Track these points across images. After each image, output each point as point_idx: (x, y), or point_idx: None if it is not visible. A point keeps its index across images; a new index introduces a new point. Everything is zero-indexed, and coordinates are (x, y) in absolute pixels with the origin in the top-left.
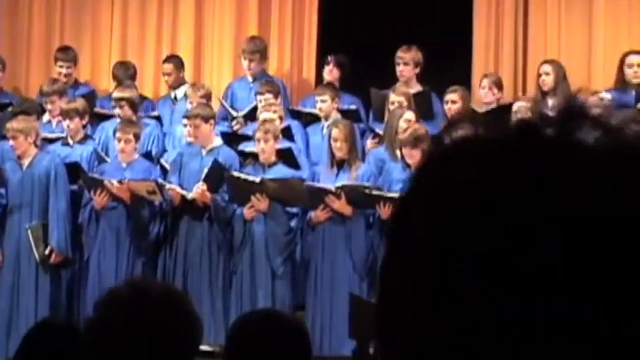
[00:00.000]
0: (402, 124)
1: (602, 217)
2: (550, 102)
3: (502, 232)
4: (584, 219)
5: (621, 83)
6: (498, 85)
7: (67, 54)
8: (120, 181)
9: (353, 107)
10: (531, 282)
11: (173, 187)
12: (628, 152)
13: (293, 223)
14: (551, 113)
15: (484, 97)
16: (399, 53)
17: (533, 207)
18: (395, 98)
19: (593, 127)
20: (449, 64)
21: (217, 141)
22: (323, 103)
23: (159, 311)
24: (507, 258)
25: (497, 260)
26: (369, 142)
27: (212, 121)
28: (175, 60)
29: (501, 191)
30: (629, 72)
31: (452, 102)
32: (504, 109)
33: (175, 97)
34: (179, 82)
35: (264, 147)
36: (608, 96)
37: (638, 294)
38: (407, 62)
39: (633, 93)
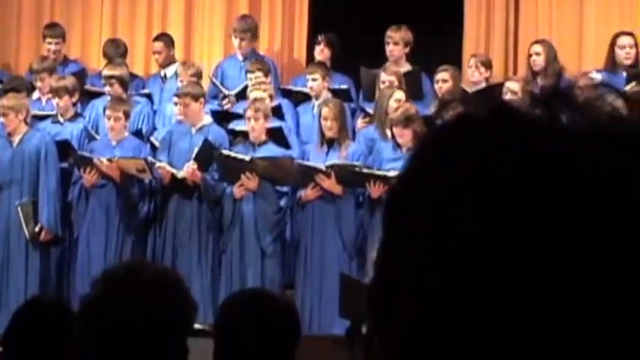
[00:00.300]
0: (393, 104)
1: (585, 200)
2: (540, 82)
3: (488, 213)
4: (567, 201)
5: (611, 64)
6: (486, 64)
7: (55, 30)
8: (109, 159)
9: (344, 87)
10: (518, 264)
11: (163, 165)
12: (613, 134)
13: (283, 202)
14: (542, 94)
15: (471, 77)
16: (389, 33)
17: (517, 188)
18: (385, 77)
19: (580, 109)
20: (440, 43)
21: (207, 119)
22: (314, 82)
23: (154, 292)
24: (494, 239)
25: (485, 241)
26: (360, 122)
27: (202, 100)
28: (165, 38)
29: (487, 172)
30: (619, 53)
31: (442, 81)
32: (494, 89)
33: (165, 76)
34: (169, 61)
35: (254, 126)
36: (598, 77)
37: (621, 276)
38: (396, 42)
39: (624, 74)
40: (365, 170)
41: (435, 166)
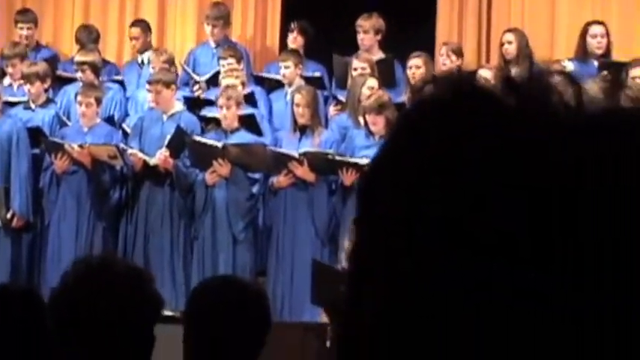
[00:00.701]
0: (365, 91)
1: (555, 187)
2: (513, 71)
3: (461, 196)
4: (539, 188)
5: (583, 53)
6: (457, 52)
7: (27, 15)
8: (81, 146)
9: (317, 74)
10: (491, 248)
11: (135, 152)
12: (585, 121)
13: (255, 189)
14: (514, 80)
15: (442, 65)
16: (359, 21)
17: (490, 173)
18: (358, 65)
19: (551, 96)
20: (412, 31)
21: (179, 106)
22: (286, 70)
23: (125, 286)
24: (466, 222)
25: (457, 224)
26: (332, 109)
27: (173, 87)
28: (142, 24)
29: (459, 155)
30: (591, 42)
31: (416, 67)
32: (467, 75)
33: (143, 62)
34: (146, 47)
35: (226, 113)
36: (570, 65)
37: (591, 263)
38: (367, 30)
39: (595, 63)
40: (337, 158)
41: (406, 148)
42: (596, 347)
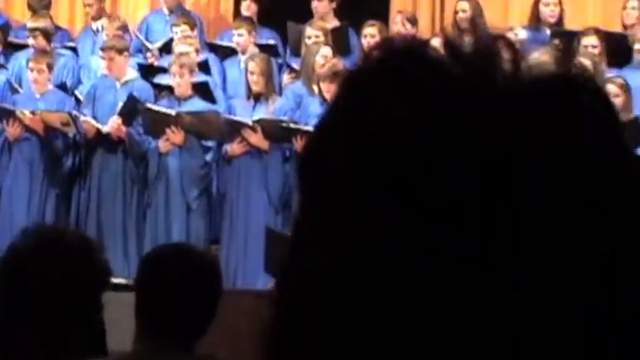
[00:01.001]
0: (319, 60)
1: (498, 156)
2: (466, 39)
3: (409, 160)
4: (483, 156)
5: (536, 21)
6: (412, 21)
7: None
8: (33, 112)
9: (271, 42)
10: (438, 213)
11: (87, 119)
12: (525, 91)
13: (208, 157)
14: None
15: (397, 33)
16: None
17: (438, 139)
18: (312, 33)
19: (499, 64)
20: None
21: (132, 73)
22: (240, 37)
23: (74, 258)
24: (414, 186)
25: (404, 187)
26: (286, 77)
27: (126, 54)
28: None
29: (408, 119)
30: (544, 10)
31: (370, 36)
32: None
33: (97, 30)
34: (100, 14)
35: (179, 81)
36: (523, 33)
37: (532, 232)
38: None
39: (548, 32)
40: (292, 125)
41: (353, 109)
42: (535, 313)
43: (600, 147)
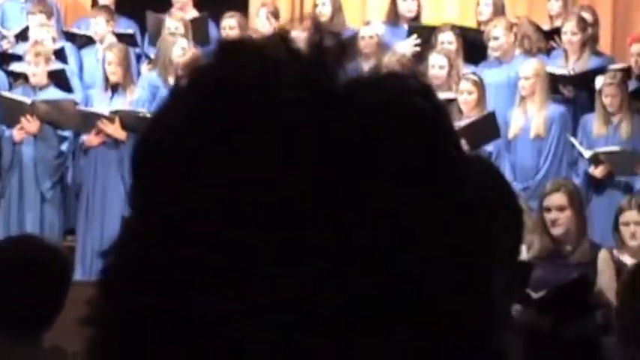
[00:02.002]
0: (177, 51)
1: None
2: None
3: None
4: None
5: (394, 16)
6: (275, 14)
7: None
8: None
9: (129, 31)
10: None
11: None
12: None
13: (64, 147)
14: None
15: (262, 27)
16: None
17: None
18: (171, 24)
19: (340, 69)
20: None
21: None
22: (98, 26)
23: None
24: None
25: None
26: (144, 67)
27: None
28: None
29: (216, 102)
30: (402, 6)
31: (230, 28)
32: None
33: None
34: None
35: (35, 69)
36: (381, 28)
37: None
38: None
39: (405, 27)
40: (149, 116)
41: (176, 107)
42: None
43: (414, 155)
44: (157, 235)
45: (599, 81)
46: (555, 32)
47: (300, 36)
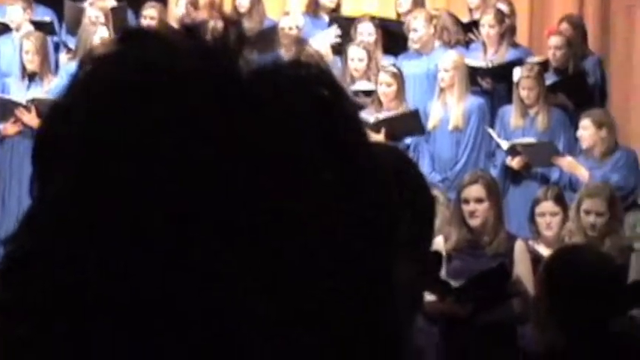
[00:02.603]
0: (97, 40)
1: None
2: (246, 24)
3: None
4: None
5: (314, 7)
6: (194, 4)
7: None
8: None
9: (47, 19)
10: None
11: None
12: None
13: None
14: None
15: (185, 18)
16: None
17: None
18: (92, 13)
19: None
20: None
21: None
22: (14, 14)
23: None
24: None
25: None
26: (63, 56)
27: None
28: None
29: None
30: None
31: (150, 17)
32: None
33: None
34: None
35: None
36: (301, 19)
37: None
38: None
39: (326, 18)
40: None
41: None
42: None
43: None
44: (54, 228)
45: (517, 73)
46: (474, 25)
47: (207, 26)
